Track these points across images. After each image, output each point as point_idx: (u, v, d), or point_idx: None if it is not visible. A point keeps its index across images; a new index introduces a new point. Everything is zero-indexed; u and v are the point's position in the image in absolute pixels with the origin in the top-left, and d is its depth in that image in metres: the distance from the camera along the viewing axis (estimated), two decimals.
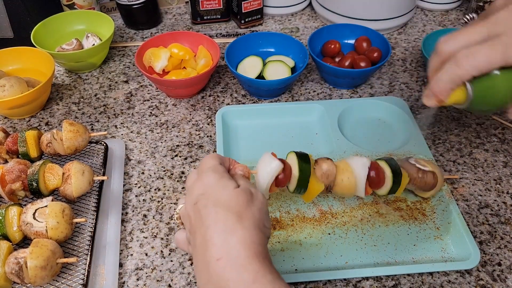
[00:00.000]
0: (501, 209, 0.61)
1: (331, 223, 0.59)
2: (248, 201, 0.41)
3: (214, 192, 0.41)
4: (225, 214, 0.39)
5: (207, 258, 0.38)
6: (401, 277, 0.54)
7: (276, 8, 1.01)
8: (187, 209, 0.43)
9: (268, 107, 0.74)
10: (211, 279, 0.37)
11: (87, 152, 0.68)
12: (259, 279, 0.36)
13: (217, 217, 0.39)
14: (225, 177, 0.43)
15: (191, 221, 0.42)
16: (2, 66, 0.78)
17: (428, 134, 0.72)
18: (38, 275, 0.48)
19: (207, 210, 0.40)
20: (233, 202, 0.40)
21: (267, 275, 0.36)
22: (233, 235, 0.38)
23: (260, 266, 0.37)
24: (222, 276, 0.36)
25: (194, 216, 0.41)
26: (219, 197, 0.41)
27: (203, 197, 0.41)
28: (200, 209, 0.41)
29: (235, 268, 0.36)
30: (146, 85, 0.83)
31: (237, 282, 0.36)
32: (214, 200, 0.41)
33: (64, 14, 0.89)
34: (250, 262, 0.37)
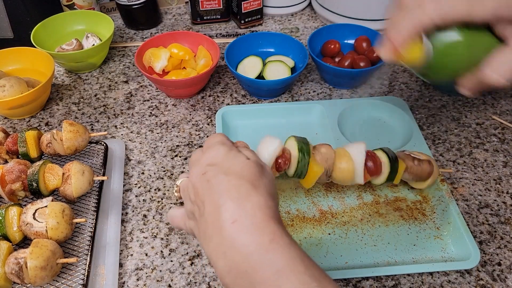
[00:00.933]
0: (501, 209, 0.61)
1: (331, 223, 0.59)
2: (259, 172, 0.40)
3: (225, 162, 0.40)
4: (238, 181, 0.38)
5: (220, 223, 0.36)
6: (401, 277, 0.54)
7: (276, 8, 1.01)
8: (192, 180, 0.41)
9: (268, 107, 0.74)
10: (224, 242, 0.36)
11: (87, 152, 0.68)
12: (276, 239, 0.35)
13: (229, 185, 0.38)
14: (234, 149, 0.42)
15: (198, 192, 0.40)
16: (2, 66, 0.78)
17: (428, 134, 0.72)
18: (38, 275, 0.48)
19: (218, 178, 0.39)
20: (246, 172, 0.39)
21: (284, 237, 0.36)
22: (248, 200, 0.37)
23: (277, 228, 0.36)
24: (237, 238, 0.35)
25: (201, 186, 0.39)
26: (230, 166, 0.40)
27: (213, 167, 0.40)
28: (210, 179, 0.39)
29: (251, 230, 0.35)
30: (146, 85, 0.83)
31: (253, 243, 0.35)
32: (226, 169, 0.39)
33: (64, 14, 0.89)
34: (267, 225, 0.36)
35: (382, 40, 0.47)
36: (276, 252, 0.34)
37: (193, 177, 0.41)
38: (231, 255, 0.35)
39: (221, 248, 0.36)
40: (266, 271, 0.34)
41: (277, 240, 0.35)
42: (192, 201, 0.41)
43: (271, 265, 0.34)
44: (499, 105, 0.78)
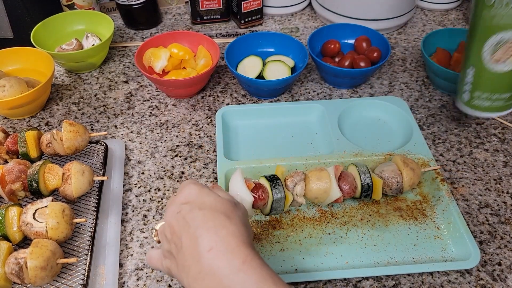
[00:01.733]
0: (501, 208, 0.61)
1: (331, 223, 0.59)
2: (232, 205, 0.43)
3: (198, 199, 0.43)
4: (213, 214, 0.41)
5: (198, 252, 0.38)
6: (401, 277, 0.54)
7: (276, 8, 1.01)
8: (168, 220, 0.43)
9: (268, 107, 0.74)
10: (202, 270, 0.38)
11: (87, 152, 0.68)
12: (248, 262, 0.37)
13: (205, 218, 0.40)
14: (205, 188, 0.44)
15: (174, 229, 0.42)
16: (2, 66, 0.78)
17: (428, 134, 0.72)
18: (38, 276, 0.48)
19: (193, 214, 0.41)
20: (219, 205, 0.42)
21: (255, 259, 0.38)
22: (222, 229, 0.39)
23: (249, 252, 0.38)
24: (213, 263, 0.38)
25: (177, 223, 0.42)
26: (204, 202, 0.42)
27: (187, 205, 0.42)
28: (185, 215, 0.41)
29: (225, 254, 0.38)
30: (146, 85, 0.83)
31: (227, 267, 0.37)
32: (200, 205, 0.42)
33: (64, 14, 0.89)
34: (240, 249, 0.38)
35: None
36: (248, 273, 0.37)
37: (168, 217, 0.43)
38: (208, 281, 0.37)
39: (199, 275, 0.38)
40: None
41: (248, 262, 0.37)
42: (169, 239, 0.43)
43: (243, 285, 0.36)
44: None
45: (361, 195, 0.58)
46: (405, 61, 0.89)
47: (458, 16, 1.02)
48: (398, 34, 0.97)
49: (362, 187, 0.58)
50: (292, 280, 0.52)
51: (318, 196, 0.57)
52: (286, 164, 0.63)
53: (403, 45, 0.93)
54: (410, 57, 0.90)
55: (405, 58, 0.89)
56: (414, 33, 0.97)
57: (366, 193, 0.58)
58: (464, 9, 1.05)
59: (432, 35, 0.81)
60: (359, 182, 0.58)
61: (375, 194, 0.58)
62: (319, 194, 0.57)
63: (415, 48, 0.92)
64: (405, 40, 0.95)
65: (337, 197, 0.57)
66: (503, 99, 0.60)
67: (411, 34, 0.97)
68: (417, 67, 0.87)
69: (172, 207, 0.44)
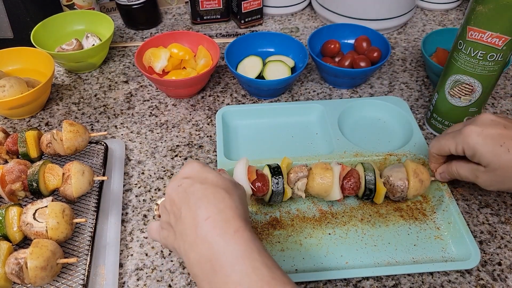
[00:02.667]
0: (501, 208, 0.61)
1: (331, 223, 0.59)
2: (233, 185, 0.45)
3: (200, 174, 0.44)
4: (214, 189, 0.42)
5: (196, 221, 0.40)
6: (401, 277, 0.54)
7: (276, 8, 1.01)
8: (169, 193, 0.44)
9: (268, 107, 0.74)
10: (198, 237, 0.40)
11: (87, 152, 0.68)
12: (240, 232, 0.39)
13: (206, 192, 0.42)
14: (207, 166, 0.46)
15: (174, 201, 0.43)
16: (2, 66, 0.78)
17: (428, 134, 0.72)
18: (38, 276, 0.48)
19: (194, 187, 0.43)
20: (220, 182, 0.44)
21: (247, 231, 0.40)
22: (221, 202, 0.41)
23: (243, 224, 0.40)
24: (208, 231, 0.40)
25: (177, 196, 0.43)
26: (207, 177, 0.44)
27: (188, 179, 0.44)
28: (186, 188, 0.43)
29: (220, 223, 0.40)
30: (146, 85, 0.83)
31: (220, 235, 0.39)
32: (201, 180, 0.43)
33: (64, 14, 0.89)
34: (234, 220, 0.40)
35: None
36: (237, 243, 0.39)
37: (169, 189, 0.45)
38: (201, 247, 0.39)
39: (195, 242, 0.40)
40: (226, 257, 0.38)
41: (240, 233, 0.39)
42: (168, 210, 0.44)
43: (231, 253, 0.38)
44: (499, 104, 0.78)
45: (363, 196, 0.59)
46: (405, 61, 0.89)
47: (458, 16, 1.02)
48: (398, 34, 0.97)
49: (364, 190, 0.58)
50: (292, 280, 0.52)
51: (318, 193, 0.58)
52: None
53: (403, 45, 0.93)
54: (410, 57, 0.90)
55: (405, 58, 0.89)
56: (414, 33, 0.97)
57: (368, 197, 0.59)
58: (464, 9, 1.05)
59: (432, 35, 0.81)
60: (363, 183, 0.58)
61: (376, 199, 0.59)
62: (320, 192, 0.57)
63: (415, 48, 0.92)
64: (405, 40, 0.95)
65: (337, 198, 0.57)
66: None
67: (411, 34, 0.97)
68: (417, 67, 0.87)
69: (173, 182, 0.45)
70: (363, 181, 0.58)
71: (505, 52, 0.57)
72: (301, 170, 0.58)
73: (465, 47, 0.59)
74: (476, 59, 0.59)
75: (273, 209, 0.60)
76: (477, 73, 0.60)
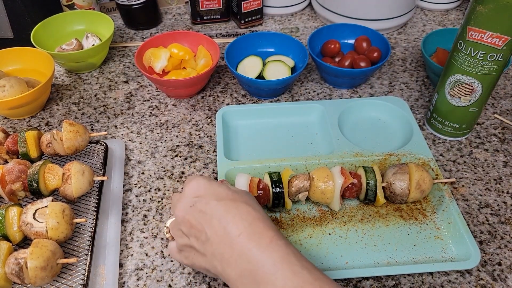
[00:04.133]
0: (501, 208, 0.61)
1: (331, 223, 0.59)
2: (248, 195, 0.45)
3: (211, 191, 0.44)
4: (233, 203, 0.43)
5: (229, 239, 0.41)
6: (401, 277, 0.54)
7: (276, 8, 1.01)
8: (181, 215, 0.44)
9: (268, 107, 0.74)
10: (234, 253, 0.41)
11: (87, 152, 0.68)
12: (275, 241, 0.40)
13: (226, 207, 0.43)
14: (212, 180, 0.46)
15: (191, 223, 0.43)
16: (2, 66, 0.78)
17: (428, 134, 0.72)
18: (38, 276, 0.48)
19: (211, 205, 0.43)
20: (236, 196, 0.44)
21: (280, 239, 0.41)
22: (248, 215, 0.42)
23: (274, 233, 0.41)
24: (244, 247, 0.40)
25: (194, 217, 0.43)
26: (219, 193, 0.44)
27: (200, 198, 0.44)
28: (202, 208, 0.43)
29: (253, 237, 0.41)
30: (146, 85, 0.83)
31: (256, 247, 0.40)
32: (215, 196, 0.43)
33: (64, 14, 0.89)
34: (266, 230, 0.41)
35: None
36: (273, 251, 0.40)
37: (181, 212, 0.44)
38: (240, 262, 0.40)
39: (232, 259, 0.41)
40: (265, 266, 0.39)
41: (275, 242, 0.40)
42: (186, 233, 0.44)
43: (269, 261, 0.39)
44: (499, 105, 0.78)
45: (364, 200, 0.60)
46: (405, 61, 0.89)
47: (458, 16, 1.02)
48: (398, 34, 0.97)
49: (365, 198, 0.59)
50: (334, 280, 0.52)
51: (319, 201, 0.59)
52: (286, 164, 0.63)
53: (403, 45, 0.93)
54: (410, 57, 0.90)
55: (405, 58, 0.89)
56: (414, 33, 0.97)
57: (369, 201, 0.60)
58: (464, 9, 1.05)
59: (432, 35, 0.81)
60: (363, 191, 0.59)
61: (377, 203, 0.60)
62: (320, 200, 0.58)
63: (415, 48, 0.92)
64: (405, 40, 0.95)
65: (335, 209, 0.59)
66: (452, 127, 0.69)
67: (411, 34, 0.97)
68: (417, 67, 0.87)
69: (182, 202, 0.44)
70: (364, 189, 0.58)
71: (505, 52, 0.57)
72: (302, 182, 0.58)
73: (465, 47, 0.59)
74: (476, 59, 0.59)
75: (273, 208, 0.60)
76: (477, 73, 0.60)
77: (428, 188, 0.58)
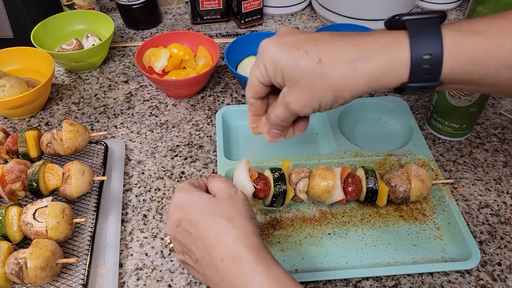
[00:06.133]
0: (501, 209, 0.61)
1: (331, 223, 0.59)
2: (230, 203, 0.43)
3: (192, 207, 0.43)
4: (214, 220, 0.42)
5: (213, 264, 0.40)
6: (401, 277, 0.54)
7: (276, 8, 1.01)
8: (172, 234, 0.45)
9: None
10: (221, 279, 0.40)
11: (87, 152, 0.68)
12: (254, 267, 0.39)
13: (207, 226, 0.42)
14: (193, 190, 0.45)
15: (181, 242, 0.44)
16: (2, 66, 0.78)
17: (428, 134, 0.72)
18: (38, 276, 0.48)
19: (193, 224, 0.42)
20: (216, 209, 0.42)
21: (261, 264, 0.39)
22: (228, 235, 0.41)
23: (255, 256, 0.40)
24: (227, 273, 0.39)
25: (181, 236, 0.43)
26: (200, 209, 0.43)
27: (183, 216, 0.43)
28: (186, 227, 0.43)
29: (235, 263, 0.39)
30: (146, 85, 0.83)
31: (239, 275, 0.39)
32: (196, 213, 0.43)
33: (64, 14, 0.89)
34: (246, 255, 0.40)
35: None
36: (256, 280, 0.38)
37: (169, 230, 0.45)
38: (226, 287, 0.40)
39: (221, 284, 0.40)
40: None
41: (254, 267, 0.39)
42: (180, 251, 0.45)
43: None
44: (499, 105, 0.78)
45: (365, 199, 0.58)
46: None
47: (458, 16, 1.02)
48: None
49: (367, 192, 0.57)
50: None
51: (320, 195, 0.57)
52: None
53: None
54: None
55: None
56: None
57: (371, 199, 0.58)
58: (464, 9, 1.05)
59: None
60: (364, 186, 0.57)
61: (379, 201, 0.58)
62: (322, 193, 0.57)
63: None
64: None
65: (340, 199, 0.57)
66: (452, 127, 0.69)
67: None
68: None
69: (170, 220, 0.45)
70: (364, 183, 0.57)
71: None
72: (303, 171, 0.58)
73: None
74: None
75: (273, 209, 0.60)
76: None
77: (428, 179, 0.58)
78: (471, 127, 0.70)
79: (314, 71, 0.40)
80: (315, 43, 0.40)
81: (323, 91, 0.40)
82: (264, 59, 0.43)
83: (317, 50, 0.40)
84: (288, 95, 0.43)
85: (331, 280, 0.53)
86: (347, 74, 0.39)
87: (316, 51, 0.40)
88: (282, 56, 0.41)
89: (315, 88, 0.41)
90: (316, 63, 0.40)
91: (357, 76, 0.39)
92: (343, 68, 0.39)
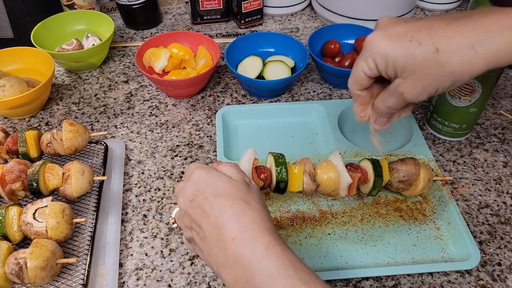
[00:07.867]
0: (501, 209, 0.61)
1: (331, 223, 0.59)
2: (246, 187, 0.43)
3: (210, 185, 0.42)
4: (230, 201, 0.40)
5: (223, 242, 0.39)
6: (401, 277, 0.54)
7: (276, 8, 1.01)
8: (183, 208, 0.43)
9: (268, 107, 0.74)
10: (228, 258, 0.39)
11: (87, 152, 0.68)
12: (270, 248, 0.38)
13: (222, 206, 0.40)
14: (213, 170, 0.44)
15: (192, 217, 0.42)
16: (2, 66, 0.78)
17: (428, 134, 0.72)
18: (38, 276, 0.48)
19: (209, 201, 0.41)
20: (234, 190, 0.41)
21: (277, 245, 0.38)
22: (243, 216, 0.39)
23: (271, 238, 0.39)
24: (238, 252, 0.38)
25: (194, 212, 0.42)
26: (217, 188, 0.42)
27: (199, 192, 0.42)
28: (200, 203, 0.41)
29: (248, 243, 0.38)
30: (146, 85, 0.83)
31: (251, 254, 0.38)
32: (213, 191, 0.41)
33: (64, 14, 0.89)
34: (262, 235, 0.39)
35: None
36: (270, 260, 0.37)
37: (182, 205, 0.43)
38: (235, 268, 0.38)
39: (227, 263, 0.39)
40: (262, 277, 0.37)
41: (270, 249, 0.38)
42: (188, 227, 0.43)
43: (266, 271, 0.37)
44: (499, 105, 0.78)
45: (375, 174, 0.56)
46: None
47: None
48: None
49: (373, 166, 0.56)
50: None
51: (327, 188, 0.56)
52: None
53: None
54: None
55: None
56: None
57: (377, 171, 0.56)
58: (464, 9, 1.05)
59: None
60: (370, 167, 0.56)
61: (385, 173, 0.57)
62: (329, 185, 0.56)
63: None
64: None
65: (349, 182, 0.55)
66: (452, 127, 0.69)
67: None
68: None
69: (183, 195, 0.43)
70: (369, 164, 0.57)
71: None
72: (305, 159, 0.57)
73: None
74: None
75: (273, 209, 0.60)
76: None
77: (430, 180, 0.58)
78: (471, 127, 0.70)
79: (431, 60, 0.40)
80: (427, 32, 0.41)
81: (442, 78, 0.41)
82: (373, 54, 0.43)
83: (431, 40, 0.40)
84: (403, 85, 0.43)
85: (331, 280, 0.53)
86: (467, 59, 0.40)
87: (430, 41, 0.40)
88: (393, 50, 0.41)
89: (433, 77, 0.41)
90: (433, 53, 0.40)
91: (477, 60, 0.40)
92: (463, 54, 0.40)
